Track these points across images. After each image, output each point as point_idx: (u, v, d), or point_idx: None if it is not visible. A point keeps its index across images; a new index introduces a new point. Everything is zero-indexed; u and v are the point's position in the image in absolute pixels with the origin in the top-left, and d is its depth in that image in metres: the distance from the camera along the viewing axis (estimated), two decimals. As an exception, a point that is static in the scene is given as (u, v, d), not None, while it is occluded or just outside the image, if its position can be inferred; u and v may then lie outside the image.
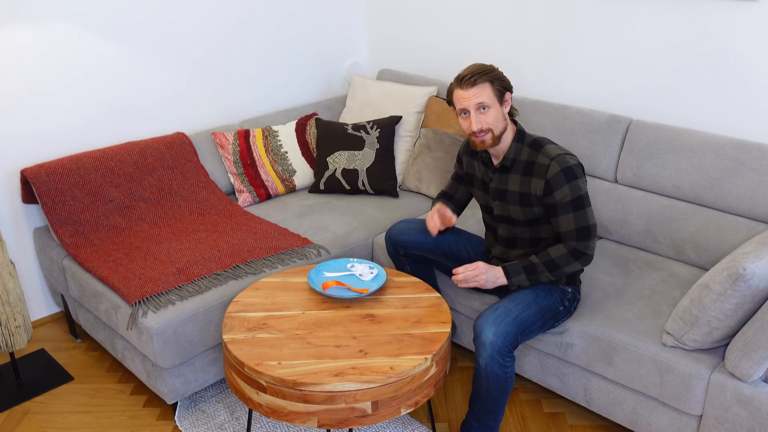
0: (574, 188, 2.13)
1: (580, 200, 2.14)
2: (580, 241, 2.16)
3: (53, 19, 2.76)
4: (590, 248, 2.17)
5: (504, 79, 2.18)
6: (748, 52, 2.56)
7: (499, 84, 2.16)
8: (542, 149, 2.18)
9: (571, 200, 2.13)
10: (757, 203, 2.44)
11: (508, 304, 2.19)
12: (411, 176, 3.25)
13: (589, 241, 2.16)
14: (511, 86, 2.20)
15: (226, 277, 2.51)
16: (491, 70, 2.16)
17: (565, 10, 3.02)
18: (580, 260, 2.18)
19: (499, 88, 2.16)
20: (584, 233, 2.16)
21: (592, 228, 2.16)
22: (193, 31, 3.19)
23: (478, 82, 2.14)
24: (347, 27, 3.84)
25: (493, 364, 2.10)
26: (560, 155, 2.15)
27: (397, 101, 3.35)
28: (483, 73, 2.15)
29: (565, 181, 2.12)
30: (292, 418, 1.94)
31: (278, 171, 3.23)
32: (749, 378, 1.99)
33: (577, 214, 2.14)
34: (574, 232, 2.16)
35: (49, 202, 2.69)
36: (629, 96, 2.93)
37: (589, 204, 2.16)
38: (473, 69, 2.17)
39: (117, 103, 3.03)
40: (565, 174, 2.12)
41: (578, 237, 2.16)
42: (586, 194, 2.16)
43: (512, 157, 2.21)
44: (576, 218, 2.15)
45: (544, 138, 2.23)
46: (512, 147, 2.21)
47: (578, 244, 2.16)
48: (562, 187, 2.13)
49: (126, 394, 2.65)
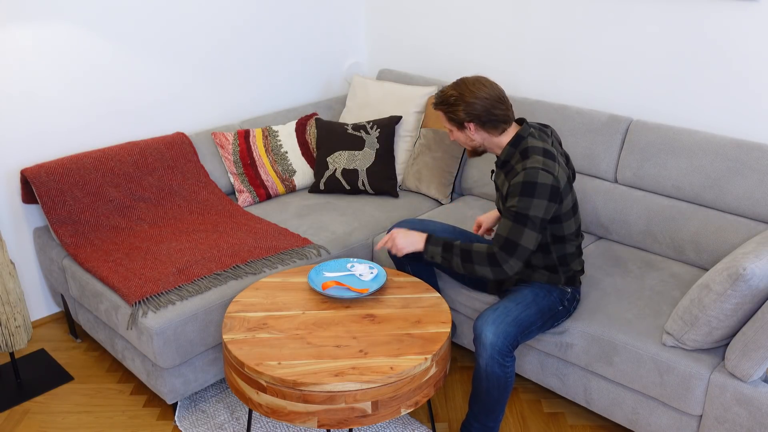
0: (523, 203, 2.06)
1: (524, 218, 2.07)
2: (502, 252, 2.10)
3: (53, 19, 2.76)
4: (508, 264, 2.10)
5: (460, 113, 2.15)
6: (748, 52, 2.56)
7: (452, 117, 2.17)
8: (527, 159, 2.13)
9: (515, 212, 2.08)
10: (757, 203, 2.44)
11: (508, 304, 2.19)
12: (411, 176, 3.25)
13: (510, 258, 2.09)
14: (473, 117, 2.15)
15: (226, 277, 2.51)
16: (451, 100, 2.16)
17: (566, 10, 3.02)
18: (493, 269, 2.12)
19: (454, 120, 2.19)
20: (510, 247, 2.09)
21: (520, 249, 2.08)
22: (193, 32, 3.19)
23: (437, 108, 2.22)
24: (347, 27, 3.84)
25: (493, 364, 2.10)
26: (534, 168, 2.07)
27: (397, 101, 3.35)
28: (441, 103, 2.20)
29: (519, 192, 2.07)
30: (292, 418, 1.94)
31: (278, 171, 3.23)
32: (749, 378, 1.99)
33: (514, 226, 2.08)
34: (503, 239, 2.10)
35: (49, 202, 2.69)
36: (629, 96, 2.93)
37: (534, 228, 2.07)
38: (441, 94, 2.20)
39: (117, 103, 3.03)
40: (523, 186, 2.07)
41: (503, 246, 2.10)
42: (534, 217, 2.06)
43: (503, 159, 2.21)
44: (511, 229, 2.09)
45: (540, 148, 2.14)
46: (506, 150, 2.20)
47: (498, 252, 2.10)
48: (514, 197, 2.09)
49: (126, 394, 2.65)
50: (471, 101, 2.14)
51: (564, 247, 2.24)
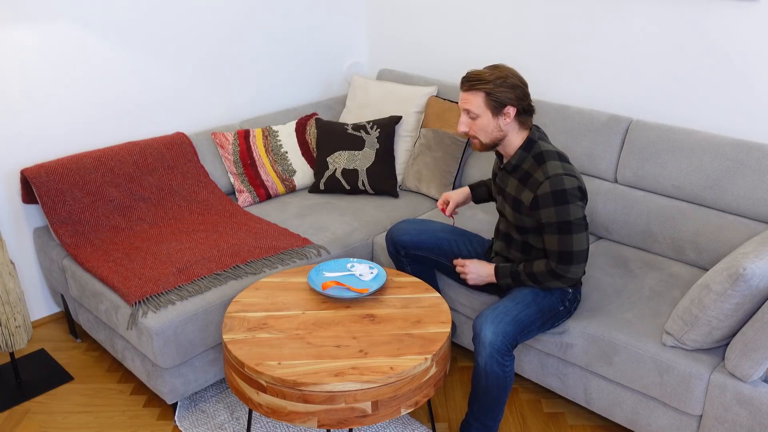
0: (561, 212, 2.07)
1: (567, 225, 2.08)
2: (560, 264, 2.13)
3: (53, 19, 2.76)
4: (570, 272, 2.13)
5: (506, 93, 2.07)
6: (748, 52, 2.56)
7: (495, 98, 2.07)
8: (543, 164, 2.11)
9: (557, 223, 2.09)
10: (757, 203, 2.44)
11: (508, 304, 2.19)
12: (411, 176, 3.25)
13: (569, 266, 2.12)
14: (516, 101, 2.09)
15: (226, 277, 2.51)
16: (495, 80, 2.07)
17: (566, 10, 3.02)
18: (560, 280, 2.17)
19: (494, 101, 2.08)
20: (566, 258, 2.12)
21: (577, 254, 2.11)
22: (193, 31, 3.19)
23: (473, 88, 2.10)
24: (347, 27, 3.84)
25: (492, 363, 2.10)
26: (558, 175, 2.08)
27: (397, 101, 3.35)
28: (483, 81, 2.08)
29: (552, 203, 2.07)
30: (292, 418, 1.94)
31: (278, 171, 3.23)
32: (749, 378, 1.99)
33: (561, 238, 2.10)
34: (556, 254, 2.13)
35: (49, 202, 2.69)
36: (629, 96, 2.93)
37: (580, 230, 2.09)
38: (478, 73, 2.10)
39: (117, 103, 3.03)
40: (554, 196, 2.07)
41: (559, 260, 2.13)
42: (577, 219, 2.08)
43: (514, 163, 2.19)
44: (560, 241, 2.11)
45: (554, 152, 2.14)
46: (517, 154, 2.18)
47: (557, 267, 2.14)
48: (548, 209, 2.08)
49: (126, 394, 2.65)
50: (516, 84, 2.09)
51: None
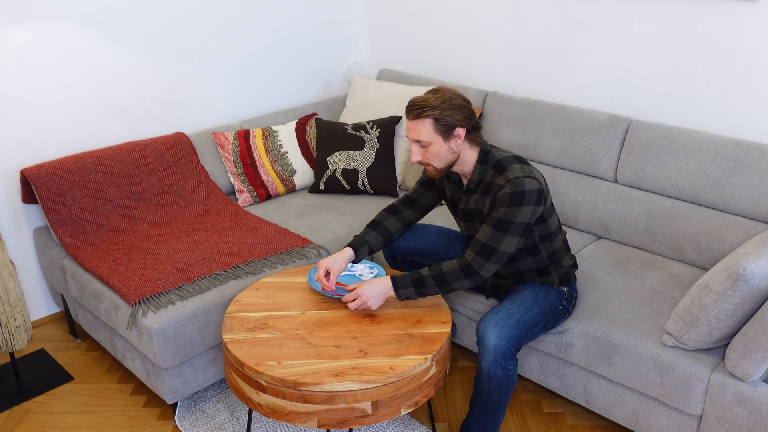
0: (510, 212, 2.05)
1: (507, 225, 2.05)
2: (478, 257, 2.08)
3: (53, 19, 2.76)
4: (484, 269, 2.09)
5: (453, 116, 2.04)
6: (747, 52, 2.56)
7: (444, 122, 2.04)
8: (504, 171, 2.10)
9: (499, 219, 2.06)
10: (757, 203, 2.44)
11: (510, 306, 2.18)
12: (411, 176, 3.25)
13: (486, 262, 2.08)
14: (465, 121, 2.07)
15: (226, 277, 2.51)
16: (440, 104, 2.04)
17: (565, 10, 3.02)
18: (470, 278, 2.10)
19: (443, 126, 2.05)
20: (487, 252, 2.08)
21: (498, 254, 2.07)
22: (193, 32, 3.19)
23: (421, 116, 2.05)
24: (347, 27, 3.84)
25: (495, 366, 2.10)
26: (519, 178, 2.06)
27: (397, 101, 3.35)
28: (429, 107, 2.04)
29: (507, 202, 2.05)
30: (292, 418, 1.94)
31: (278, 171, 3.23)
32: (749, 378, 1.99)
33: (494, 233, 2.07)
34: (480, 245, 2.08)
35: (49, 202, 2.69)
36: (629, 96, 2.93)
37: (516, 233, 2.05)
38: (422, 100, 2.06)
39: (117, 103, 3.03)
40: (512, 197, 2.05)
41: (480, 252, 2.08)
42: (518, 223, 2.05)
43: (477, 179, 2.17)
44: (491, 235, 2.07)
45: (511, 157, 2.13)
46: (476, 169, 2.16)
47: (474, 259, 2.09)
48: (500, 207, 2.06)
49: (126, 394, 2.65)
50: (461, 104, 2.07)
51: (551, 245, 2.24)
